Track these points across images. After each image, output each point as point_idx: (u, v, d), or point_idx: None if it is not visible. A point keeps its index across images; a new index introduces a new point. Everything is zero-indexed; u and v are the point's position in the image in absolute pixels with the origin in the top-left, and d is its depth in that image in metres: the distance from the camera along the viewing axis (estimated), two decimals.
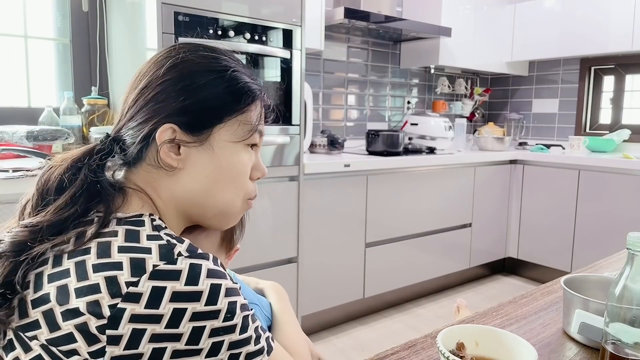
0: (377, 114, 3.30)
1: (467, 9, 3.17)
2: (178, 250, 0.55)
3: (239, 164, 0.67)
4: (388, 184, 2.52)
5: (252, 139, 0.68)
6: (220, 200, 0.67)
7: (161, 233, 0.58)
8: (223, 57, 0.68)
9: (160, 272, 0.52)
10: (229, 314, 0.55)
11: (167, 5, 1.64)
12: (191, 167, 0.64)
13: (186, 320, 0.52)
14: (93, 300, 0.51)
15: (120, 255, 0.54)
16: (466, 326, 0.69)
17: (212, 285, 0.54)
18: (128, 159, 0.64)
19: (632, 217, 2.66)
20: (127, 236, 0.56)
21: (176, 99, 0.63)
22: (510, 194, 3.25)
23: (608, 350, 0.64)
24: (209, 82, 0.64)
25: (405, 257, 2.67)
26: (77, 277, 0.53)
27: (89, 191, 0.60)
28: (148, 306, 0.51)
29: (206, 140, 0.64)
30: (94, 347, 0.51)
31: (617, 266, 1.18)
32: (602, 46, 2.99)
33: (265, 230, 2.02)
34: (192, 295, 0.53)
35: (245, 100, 0.66)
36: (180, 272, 0.53)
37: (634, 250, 0.63)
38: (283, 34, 1.98)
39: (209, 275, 0.55)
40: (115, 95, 2.12)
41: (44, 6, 2.06)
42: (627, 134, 3.12)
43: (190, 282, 0.53)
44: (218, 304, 0.54)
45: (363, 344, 2.30)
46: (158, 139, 0.62)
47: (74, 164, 0.62)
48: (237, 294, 0.57)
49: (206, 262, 0.56)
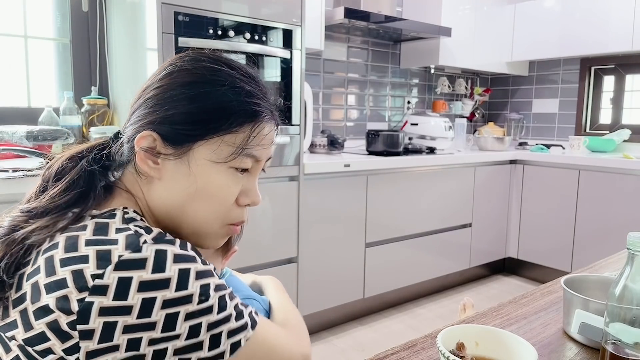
0: (377, 114, 3.30)
1: (467, 9, 3.17)
2: (144, 238, 0.54)
3: (216, 185, 0.63)
4: (388, 184, 2.52)
5: (238, 162, 0.63)
6: (194, 219, 0.64)
7: (131, 225, 0.57)
8: (227, 70, 0.64)
9: (125, 262, 0.52)
10: (202, 297, 0.53)
11: (167, 5, 1.64)
12: (167, 179, 0.63)
13: (158, 309, 0.51)
14: (62, 296, 0.51)
15: (87, 249, 0.53)
16: (466, 326, 0.69)
17: (180, 271, 0.53)
18: (122, 159, 0.65)
19: (632, 217, 2.65)
20: (95, 229, 0.56)
21: (161, 107, 0.61)
22: (510, 194, 3.25)
23: (608, 351, 0.64)
24: (197, 94, 0.61)
25: (405, 257, 2.67)
26: (46, 273, 0.53)
27: (82, 182, 0.62)
28: (116, 298, 0.50)
29: (184, 154, 0.61)
30: (67, 344, 0.50)
31: (617, 266, 1.17)
32: (602, 46, 2.99)
33: (265, 230, 2.02)
34: (160, 283, 0.51)
35: (235, 120, 0.62)
36: (146, 260, 0.52)
37: (634, 250, 0.63)
38: (283, 34, 1.98)
39: (176, 260, 0.53)
40: (115, 95, 2.12)
41: (44, 6, 2.06)
42: (627, 134, 3.12)
43: (156, 270, 0.52)
44: (189, 288, 0.53)
45: (363, 344, 2.30)
46: (136, 144, 0.62)
47: (75, 155, 0.65)
48: (209, 275, 0.56)
49: (172, 247, 0.54)
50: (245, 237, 0.85)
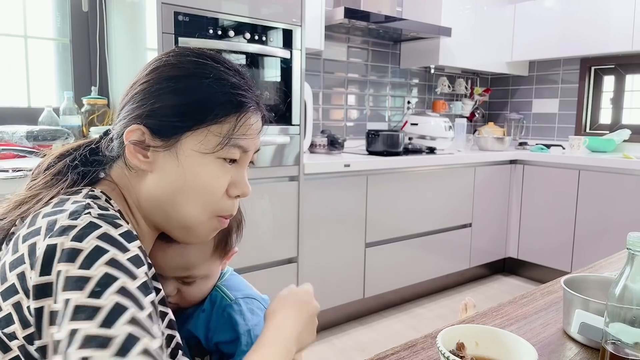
0: (377, 114, 3.30)
1: (467, 9, 3.17)
2: (90, 210, 0.53)
3: (205, 176, 0.63)
4: (388, 184, 2.52)
5: (226, 152, 0.63)
6: (183, 211, 0.64)
7: (89, 200, 0.56)
8: (212, 63, 0.65)
9: (60, 228, 0.50)
10: (98, 288, 0.46)
11: (167, 5, 1.64)
12: (157, 172, 0.63)
13: (60, 290, 0.46)
14: (20, 272, 0.50)
15: (42, 220, 0.53)
16: (466, 326, 0.69)
17: (96, 248, 0.48)
18: (112, 155, 0.66)
19: (632, 217, 2.65)
20: (55, 204, 0.56)
21: (148, 101, 0.62)
22: (510, 194, 3.25)
23: (608, 350, 0.64)
24: (182, 87, 0.62)
25: (405, 257, 2.67)
26: (12, 251, 0.53)
27: (61, 176, 0.64)
28: (42, 273, 0.48)
29: (173, 146, 0.62)
30: (28, 331, 0.49)
31: (617, 266, 1.17)
32: (602, 46, 2.99)
33: (265, 230, 2.02)
34: (70, 254, 0.48)
35: (221, 110, 0.62)
36: (75, 227, 0.50)
37: (634, 250, 0.63)
38: (283, 34, 1.98)
39: (101, 238, 0.49)
40: (115, 95, 2.12)
41: (44, 6, 2.06)
42: (627, 134, 3.12)
43: (75, 239, 0.48)
44: (91, 269, 0.47)
45: (363, 344, 2.30)
46: (125, 139, 0.62)
47: (64, 153, 0.67)
48: (126, 272, 0.48)
49: (108, 227, 0.51)
50: (245, 237, 0.85)
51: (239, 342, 0.76)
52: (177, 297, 0.77)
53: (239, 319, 0.77)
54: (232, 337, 0.77)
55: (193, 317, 0.80)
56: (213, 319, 0.78)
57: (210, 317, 0.79)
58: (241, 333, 0.76)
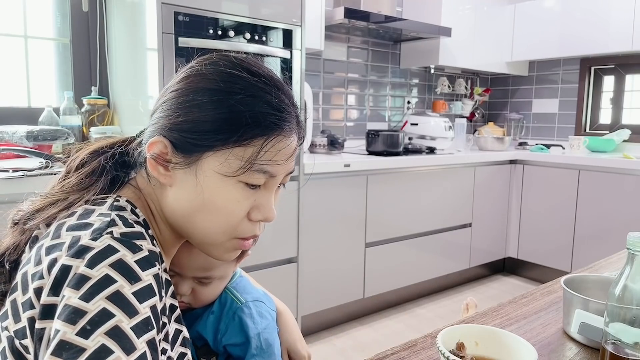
0: (377, 114, 3.30)
1: (467, 9, 3.17)
2: (112, 229, 0.51)
3: (223, 198, 0.59)
4: (388, 184, 2.52)
5: (247, 177, 0.58)
6: (200, 230, 0.61)
7: (113, 212, 0.55)
8: (246, 76, 0.59)
9: (79, 247, 0.49)
10: (89, 326, 0.44)
11: (167, 5, 1.64)
12: (177, 188, 0.60)
13: (56, 316, 0.45)
14: (38, 287, 0.49)
15: (67, 235, 0.51)
16: (466, 326, 0.69)
17: (105, 277, 0.46)
18: (140, 159, 0.64)
19: (632, 217, 2.65)
20: (80, 215, 0.54)
21: (174, 113, 0.59)
22: (510, 194, 3.25)
23: (608, 350, 0.64)
24: (209, 102, 0.57)
25: (405, 257, 2.67)
26: (35, 262, 0.51)
27: (95, 177, 0.62)
28: (50, 293, 0.47)
29: (193, 164, 0.58)
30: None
31: (617, 266, 1.17)
32: (602, 46, 2.99)
33: (265, 230, 2.02)
34: (79, 280, 0.46)
35: (245, 132, 0.57)
36: (92, 250, 0.48)
37: (634, 250, 0.63)
38: (283, 34, 1.98)
39: (114, 265, 0.47)
40: (115, 95, 2.12)
41: (44, 6, 2.06)
42: (627, 134, 3.12)
43: (88, 264, 0.47)
44: (90, 303, 0.45)
45: (363, 344, 2.30)
46: (147, 150, 0.60)
47: (97, 150, 0.65)
48: (126, 308, 0.46)
49: (126, 253, 0.49)
50: None
51: (249, 346, 0.76)
52: (190, 297, 0.77)
53: (250, 323, 0.77)
54: (242, 340, 0.77)
55: (202, 318, 0.80)
56: (223, 321, 0.79)
57: (220, 319, 0.79)
58: (251, 336, 0.76)
